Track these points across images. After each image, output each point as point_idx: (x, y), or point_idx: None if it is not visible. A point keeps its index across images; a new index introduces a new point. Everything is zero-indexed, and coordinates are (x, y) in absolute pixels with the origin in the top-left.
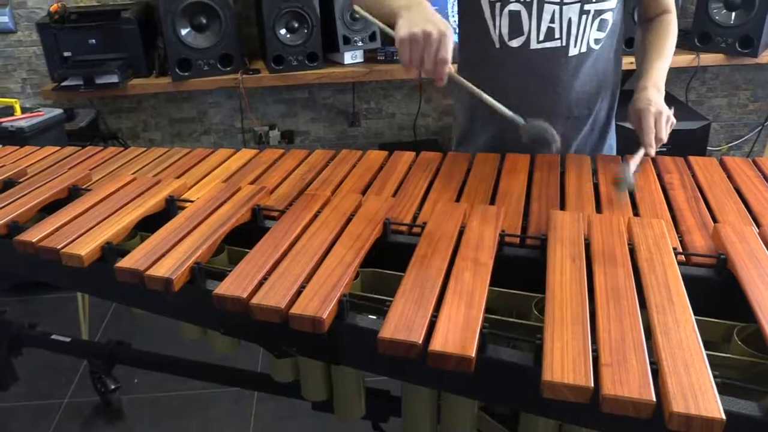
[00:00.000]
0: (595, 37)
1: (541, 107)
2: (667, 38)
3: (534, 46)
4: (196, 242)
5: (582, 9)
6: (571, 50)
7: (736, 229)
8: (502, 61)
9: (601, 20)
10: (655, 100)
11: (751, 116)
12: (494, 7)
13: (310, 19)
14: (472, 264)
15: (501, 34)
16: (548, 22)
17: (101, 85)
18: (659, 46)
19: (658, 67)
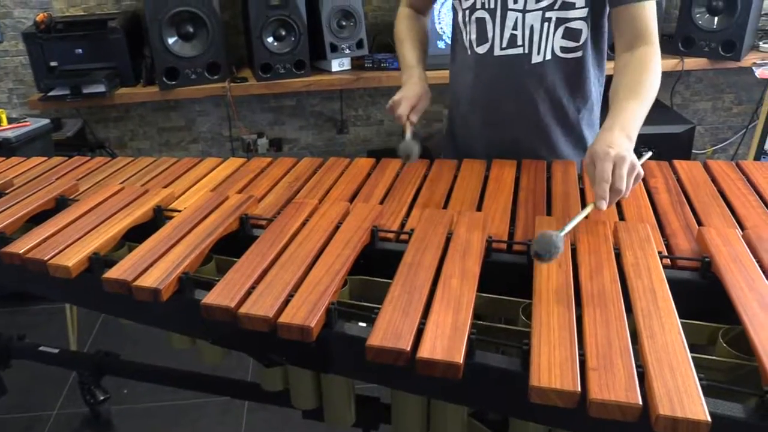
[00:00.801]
0: (562, 45)
1: (510, 114)
2: (644, 77)
3: (497, 53)
4: (183, 252)
5: (543, 17)
6: (534, 57)
7: (720, 232)
8: (472, 67)
9: (566, 29)
10: (619, 143)
11: (735, 119)
12: (465, 14)
13: (297, 27)
14: (460, 270)
15: (471, 41)
16: (511, 29)
17: (88, 94)
18: (635, 85)
19: (630, 109)
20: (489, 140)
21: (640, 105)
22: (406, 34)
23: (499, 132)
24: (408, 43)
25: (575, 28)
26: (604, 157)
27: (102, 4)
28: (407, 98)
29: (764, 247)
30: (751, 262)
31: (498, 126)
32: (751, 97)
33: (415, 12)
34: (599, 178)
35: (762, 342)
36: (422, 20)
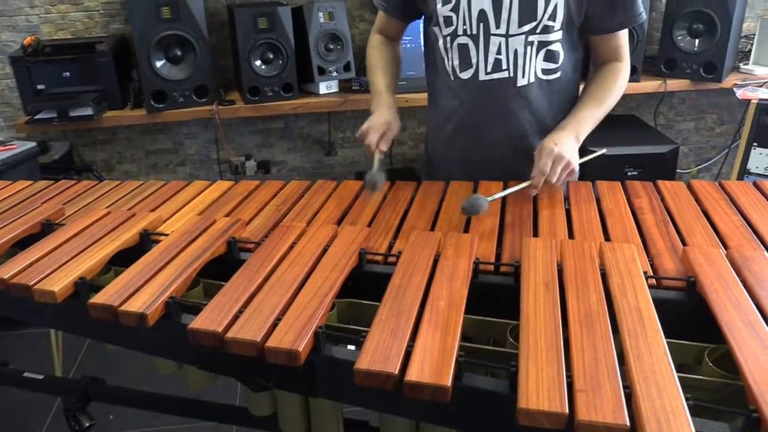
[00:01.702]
0: (543, 68)
1: (495, 137)
2: (609, 86)
3: (483, 78)
4: (170, 276)
5: (526, 41)
6: (519, 80)
7: (705, 252)
8: (456, 92)
9: (547, 51)
10: (564, 142)
11: (718, 139)
12: (446, 41)
13: (285, 51)
14: (447, 293)
15: (453, 67)
16: (495, 53)
17: (75, 117)
18: (596, 92)
19: (587, 112)
20: (474, 162)
21: (598, 109)
22: (377, 61)
23: (485, 154)
24: (378, 70)
25: (554, 50)
26: (548, 153)
27: (90, 28)
28: (375, 127)
29: (747, 267)
30: (735, 282)
31: (484, 148)
32: (733, 117)
33: (386, 38)
34: (538, 170)
35: (747, 361)
36: (394, 47)
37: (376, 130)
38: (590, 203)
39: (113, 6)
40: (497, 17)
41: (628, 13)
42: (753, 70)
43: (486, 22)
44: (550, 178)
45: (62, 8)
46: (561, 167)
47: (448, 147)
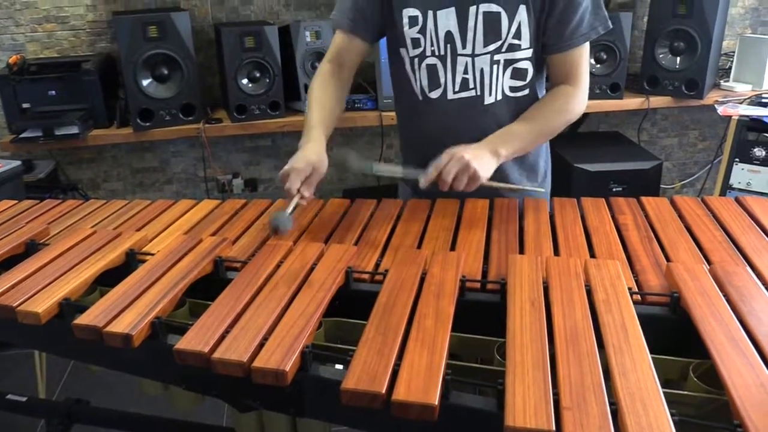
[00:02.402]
0: (511, 85)
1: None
2: (546, 107)
3: (451, 97)
4: (156, 296)
5: (492, 59)
6: (487, 99)
7: (688, 268)
8: (424, 111)
9: (514, 69)
10: (475, 153)
11: (701, 155)
12: (413, 62)
13: (272, 69)
14: (434, 311)
15: (422, 87)
16: (462, 73)
17: (61, 136)
18: (532, 112)
19: (515, 130)
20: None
21: (528, 129)
22: (317, 95)
23: None
24: (315, 105)
25: (522, 68)
26: (449, 154)
27: (76, 47)
28: (297, 170)
29: (730, 282)
30: (718, 297)
31: None
32: (715, 133)
33: (337, 68)
34: (434, 164)
35: (731, 376)
36: (341, 80)
37: (299, 174)
38: (575, 220)
39: (99, 25)
40: (463, 38)
41: (578, 30)
42: (733, 87)
43: (453, 43)
44: (443, 176)
45: (48, 27)
46: (458, 168)
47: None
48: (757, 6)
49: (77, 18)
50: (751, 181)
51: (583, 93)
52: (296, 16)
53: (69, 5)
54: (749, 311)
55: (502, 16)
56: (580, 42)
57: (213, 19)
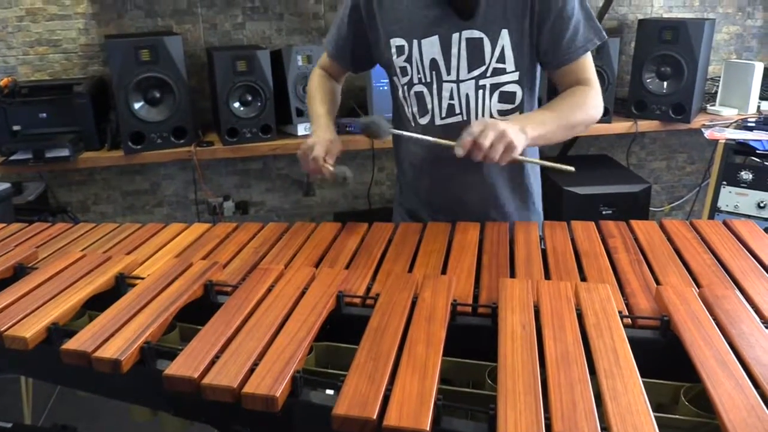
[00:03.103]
0: (499, 109)
1: (457, 179)
2: (565, 99)
3: (438, 122)
4: (146, 321)
5: (477, 84)
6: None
7: (678, 291)
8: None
9: (501, 93)
10: (502, 123)
11: (689, 177)
12: (404, 90)
13: (264, 93)
14: (425, 335)
15: (413, 113)
16: (448, 99)
17: (51, 158)
18: (553, 103)
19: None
20: (439, 204)
21: (550, 116)
22: (316, 92)
23: (449, 195)
24: (318, 98)
25: (509, 91)
26: (482, 123)
27: (68, 70)
28: (320, 142)
29: (719, 305)
30: (708, 320)
31: (447, 190)
32: (702, 156)
33: (328, 75)
34: (467, 132)
35: (722, 399)
36: (333, 82)
37: (321, 145)
38: (565, 243)
39: (92, 48)
40: (447, 65)
41: (575, 43)
42: (720, 111)
43: (438, 70)
44: (480, 140)
45: (40, 50)
46: (493, 134)
47: (414, 190)
48: (741, 32)
49: (69, 41)
50: (738, 203)
51: (598, 93)
52: (288, 41)
53: (61, 29)
54: (739, 334)
55: (485, 41)
56: (579, 54)
57: (205, 43)
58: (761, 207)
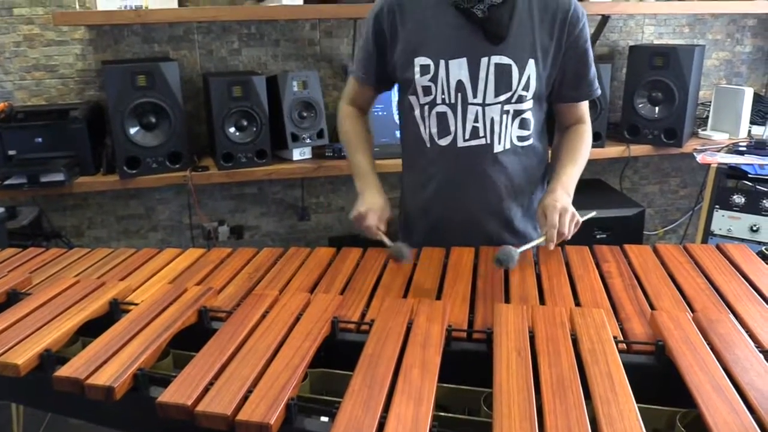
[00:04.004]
0: (518, 135)
1: (472, 201)
2: (580, 147)
3: (461, 144)
4: (139, 347)
5: (502, 109)
6: (496, 147)
7: (672, 316)
8: (433, 158)
9: (521, 119)
10: (562, 199)
11: (682, 201)
12: (424, 109)
13: (259, 118)
14: (420, 361)
15: (431, 134)
16: (472, 121)
17: (46, 183)
18: (573, 153)
19: (569, 173)
20: (450, 226)
21: (577, 168)
22: (354, 137)
23: (461, 217)
24: (358, 147)
25: (527, 118)
26: (553, 210)
27: (64, 95)
28: (373, 210)
29: (714, 330)
30: (702, 345)
31: (460, 212)
32: (695, 180)
33: (357, 110)
34: (549, 225)
35: (717, 424)
36: (366, 120)
37: (375, 213)
38: (560, 268)
39: (88, 73)
40: (474, 87)
41: (591, 86)
42: (711, 136)
43: (464, 92)
44: (561, 230)
45: (37, 75)
46: (569, 219)
47: (425, 211)
48: (731, 58)
49: (66, 67)
50: (731, 227)
51: (590, 128)
52: (284, 67)
53: (58, 54)
54: (733, 359)
55: (513, 68)
56: (596, 93)
57: (202, 69)
58: (754, 230)
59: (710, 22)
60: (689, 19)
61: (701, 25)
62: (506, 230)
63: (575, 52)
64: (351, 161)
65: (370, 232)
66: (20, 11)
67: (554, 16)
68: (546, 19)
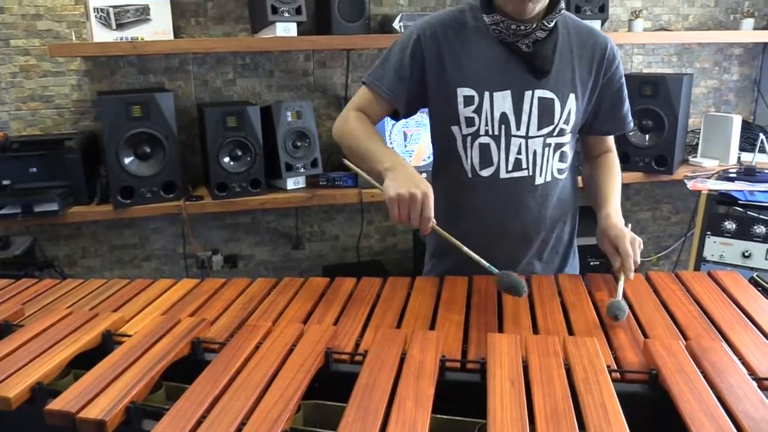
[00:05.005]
0: (558, 168)
1: (511, 232)
2: (617, 174)
3: (503, 176)
4: (132, 379)
5: (545, 142)
6: (537, 179)
7: (665, 344)
8: (473, 188)
9: (561, 152)
10: (623, 226)
11: (674, 227)
12: (466, 140)
13: (254, 148)
14: (414, 392)
15: (473, 165)
16: (515, 153)
17: (40, 213)
18: (613, 182)
19: (614, 201)
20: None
21: (618, 196)
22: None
23: (498, 245)
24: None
25: (566, 151)
26: (624, 239)
27: (60, 125)
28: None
29: (707, 358)
30: (695, 373)
31: (498, 241)
32: (687, 206)
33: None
34: (626, 256)
35: None
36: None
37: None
38: (553, 297)
39: (84, 104)
40: (518, 120)
41: (625, 119)
42: (701, 163)
43: (507, 124)
44: (636, 258)
45: (33, 105)
46: (637, 245)
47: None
48: (719, 86)
49: (62, 97)
50: (723, 253)
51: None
52: (278, 97)
53: (54, 85)
54: (726, 388)
55: (555, 102)
56: (629, 127)
57: (197, 99)
58: (746, 256)
59: (698, 51)
60: (677, 48)
61: (689, 54)
62: (537, 259)
63: (611, 88)
64: (365, 149)
65: (427, 224)
66: (17, 42)
67: (593, 52)
68: (585, 55)
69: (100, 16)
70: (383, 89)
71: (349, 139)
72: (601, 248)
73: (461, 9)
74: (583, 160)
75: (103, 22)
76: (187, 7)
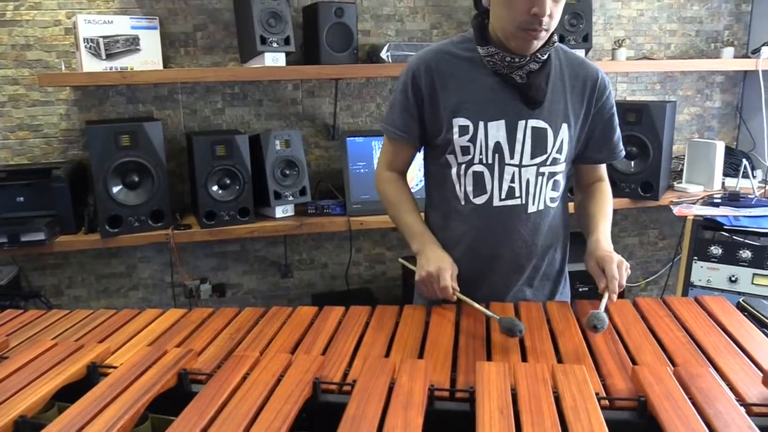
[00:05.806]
0: (550, 196)
1: (503, 259)
2: (608, 202)
3: (496, 204)
4: (117, 412)
5: (538, 171)
6: (530, 207)
7: (653, 371)
8: (467, 216)
9: (554, 181)
10: (611, 250)
11: (662, 252)
12: (461, 168)
13: (242, 176)
14: (402, 422)
15: (466, 192)
16: (509, 182)
17: (26, 242)
18: (604, 209)
19: (604, 228)
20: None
21: (609, 224)
22: (398, 199)
23: (490, 273)
24: (405, 207)
25: (558, 180)
26: (611, 262)
27: (48, 154)
28: (444, 268)
29: (695, 384)
30: (683, 400)
31: (489, 268)
32: (673, 231)
33: (396, 174)
34: (611, 277)
35: None
36: (406, 182)
37: (447, 270)
38: (541, 324)
39: (72, 133)
40: (511, 149)
41: (616, 148)
42: (686, 188)
43: (501, 153)
44: (621, 281)
45: (21, 135)
46: (624, 268)
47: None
48: (702, 113)
49: (50, 126)
50: (710, 278)
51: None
52: (266, 126)
53: (43, 114)
54: (715, 414)
55: (548, 132)
56: (620, 156)
57: (185, 128)
58: (733, 281)
59: (680, 79)
60: (660, 76)
61: (672, 82)
62: (528, 286)
63: (602, 118)
64: (400, 223)
65: (447, 293)
66: (5, 72)
67: (584, 83)
68: (576, 86)
69: (90, 47)
70: (398, 133)
71: (386, 205)
72: (588, 270)
73: (452, 41)
74: (575, 187)
75: (92, 52)
76: (176, 38)
